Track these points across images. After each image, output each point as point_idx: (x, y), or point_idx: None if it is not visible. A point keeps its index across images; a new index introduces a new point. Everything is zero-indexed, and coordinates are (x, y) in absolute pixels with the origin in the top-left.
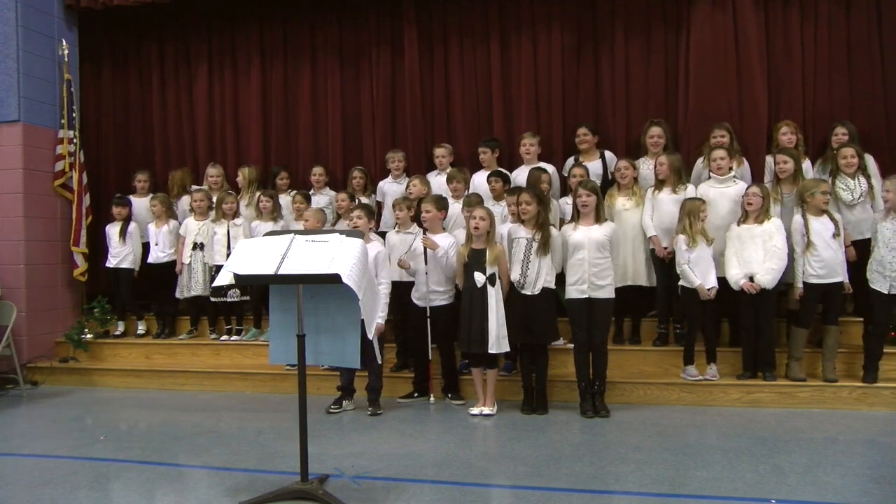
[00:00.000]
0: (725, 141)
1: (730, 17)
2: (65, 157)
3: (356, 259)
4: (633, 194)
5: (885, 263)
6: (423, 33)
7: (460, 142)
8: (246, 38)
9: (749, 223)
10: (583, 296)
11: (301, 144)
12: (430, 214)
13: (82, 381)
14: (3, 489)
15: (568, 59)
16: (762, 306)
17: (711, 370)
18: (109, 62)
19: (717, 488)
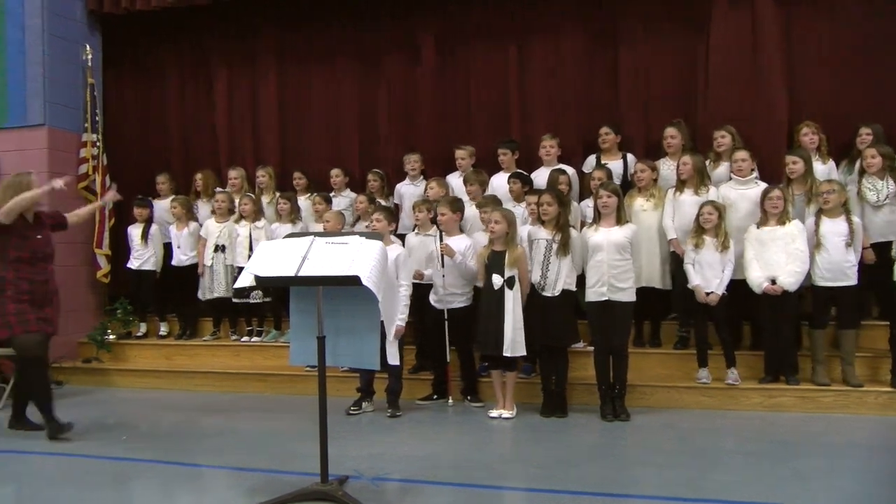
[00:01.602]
0: (727, 142)
1: (750, 17)
2: (88, 160)
3: (376, 261)
4: (651, 196)
5: None
6: (439, 35)
7: (478, 143)
8: (264, 41)
9: (771, 225)
10: (602, 298)
11: (318, 147)
12: (446, 217)
13: (105, 381)
14: (26, 487)
15: (586, 60)
16: (782, 309)
17: (732, 374)
18: (131, 66)
19: (736, 492)
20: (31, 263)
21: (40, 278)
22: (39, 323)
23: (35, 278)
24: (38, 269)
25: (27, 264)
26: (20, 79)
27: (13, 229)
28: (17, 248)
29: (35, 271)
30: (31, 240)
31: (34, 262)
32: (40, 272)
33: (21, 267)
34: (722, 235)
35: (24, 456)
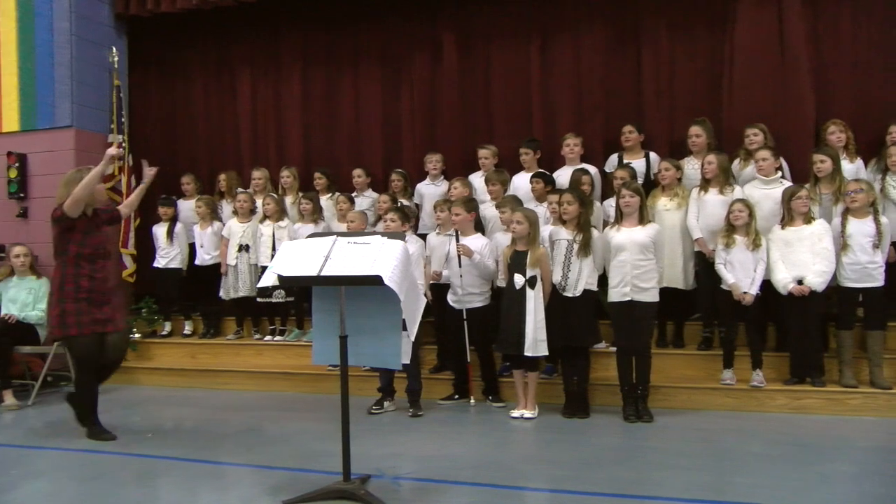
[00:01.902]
0: (759, 140)
1: (776, 13)
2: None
3: (398, 261)
4: (675, 195)
5: None
6: (461, 35)
7: (500, 143)
8: (288, 43)
9: (797, 225)
10: (625, 298)
11: (342, 147)
12: (461, 217)
13: (130, 379)
14: (54, 482)
15: (609, 59)
16: (809, 310)
17: (757, 376)
18: (156, 68)
19: (762, 495)
20: (92, 260)
21: (100, 275)
22: (94, 324)
23: (95, 275)
24: (98, 265)
25: (87, 261)
26: (48, 81)
27: (76, 225)
28: (79, 245)
29: (95, 268)
30: (92, 236)
31: (94, 258)
32: (100, 269)
33: (82, 264)
34: (753, 234)
35: (51, 452)
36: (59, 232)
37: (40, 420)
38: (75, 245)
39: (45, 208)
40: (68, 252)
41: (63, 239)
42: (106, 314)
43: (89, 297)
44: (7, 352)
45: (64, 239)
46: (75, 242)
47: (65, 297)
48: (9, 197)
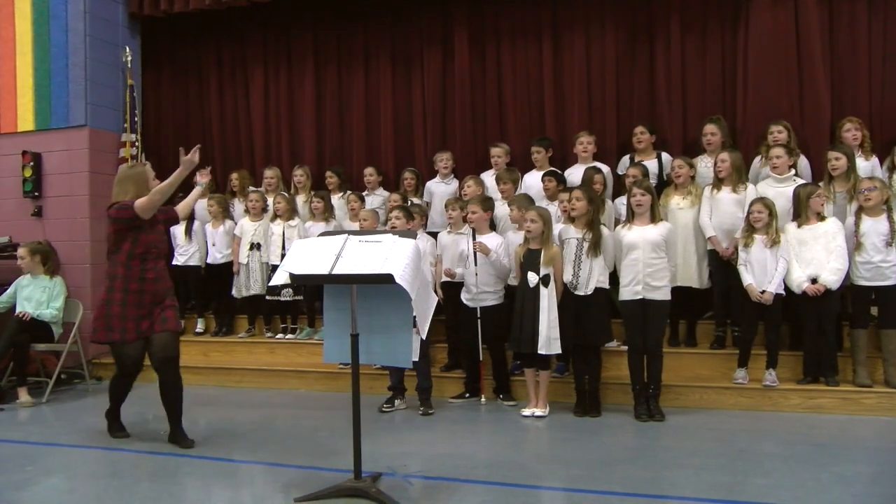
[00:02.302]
0: (783, 138)
1: (791, 10)
2: (127, 159)
3: (409, 259)
4: (688, 193)
5: None
6: (474, 34)
7: (512, 141)
8: (300, 41)
9: (811, 223)
10: (637, 297)
11: (354, 146)
12: (477, 215)
13: (143, 377)
14: (70, 480)
15: (622, 57)
16: (825, 308)
17: (770, 376)
18: (169, 67)
19: (777, 496)
20: (143, 260)
21: (151, 276)
22: (140, 330)
23: (146, 276)
24: (150, 265)
25: (138, 260)
26: (63, 81)
27: (133, 224)
28: (132, 243)
29: (146, 268)
30: (146, 234)
31: (146, 258)
32: (151, 269)
33: (133, 264)
34: (773, 233)
35: (66, 449)
36: (114, 231)
37: (55, 417)
38: (129, 243)
39: (60, 207)
40: (121, 251)
41: (118, 238)
42: (154, 316)
43: (139, 301)
44: (24, 350)
45: (119, 238)
46: (129, 241)
47: (112, 301)
48: (24, 196)
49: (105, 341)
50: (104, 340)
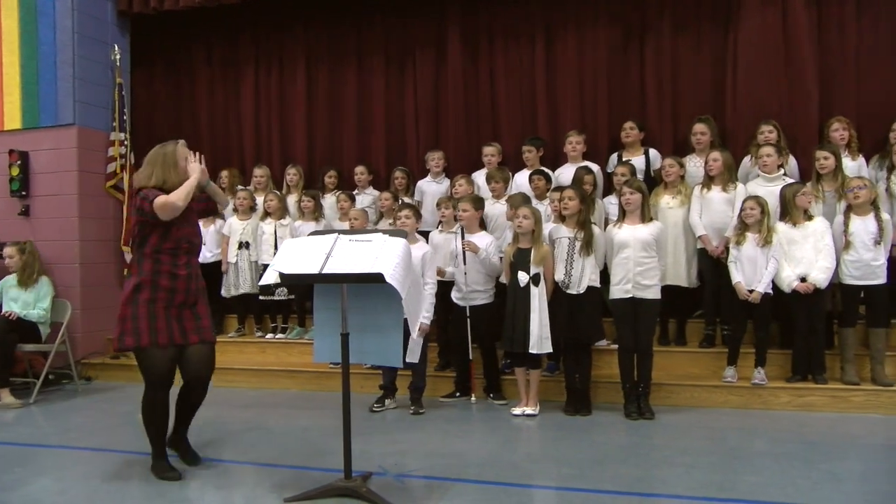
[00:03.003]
0: (773, 137)
1: (780, 11)
2: (116, 158)
3: (399, 258)
4: (678, 192)
5: None
6: (466, 32)
7: (505, 141)
8: (292, 40)
9: (799, 222)
10: (627, 295)
11: (345, 145)
12: (468, 214)
13: (134, 377)
14: (60, 481)
15: (614, 57)
16: (815, 307)
17: (759, 374)
18: (160, 66)
19: (768, 493)
20: (174, 255)
21: (183, 272)
22: (172, 335)
23: (177, 272)
24: (182, 261)
25: (168, 255)
26: (51, 79)
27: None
28: (160, 238)
29: (178, 264)
30: (178, 227)
31: (177, 253)
32: (183, 265)
33: (161, 258)
34: (765, 231)
35: (55, 450)
36: (138, 221)
37: (43, 418)
38: (157, 237)
39: (48, 206)
40: (147, 243)
41: (143, 229)
42: (187, 321)
43: (169, 300)
44: (9, 349)
45: (145, 229)
46: (157, 234)
47: (137, 300)
48: (11, 195)
49: (132, 347)
50: (131, 346)
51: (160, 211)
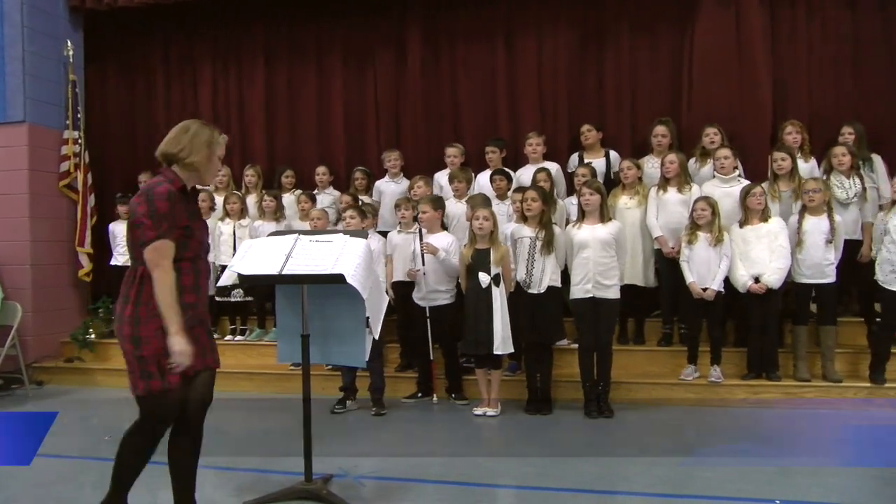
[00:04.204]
0: (718, 139)
1: (734, 16)
2: (69, 157)
3: (361, 259)
4: (636, 193)
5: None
6: (427, 33)
7: (466, 141)
8: (251, 38)
9: (754, 223)
10: (587, 295)
11: (305, 144)
12: (428, 215)
13: (87, 381)
14: (11, 488)
15: (573, 58)
16: (769, 306)
17: (715, 372)
18: (115, 63)
19: (723, 489)
20: (195, 262)
21: (204, 283)
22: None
23: (200, 283)
24: (203, 269)
25: (190, 263)
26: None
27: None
28: (182, 246)
29: (199, 273)
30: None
31: (197, 261)
32: (204, 276)
33: (183, 268)
34: (716, 231)
35: None
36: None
37: None
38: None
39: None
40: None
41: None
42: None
43: (193, 318)
44: None
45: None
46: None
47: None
48: None
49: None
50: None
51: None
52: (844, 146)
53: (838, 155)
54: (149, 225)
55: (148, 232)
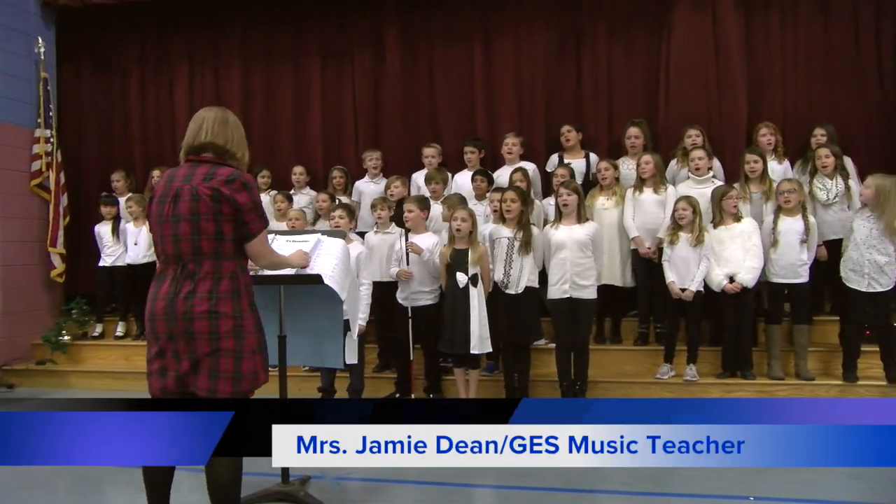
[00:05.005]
0: (700, 141)
1: (710, 19)
2: (41, 156)
3: (338, 259)
4: (613, 194)
5: (862, 262)
6: (405, 33)
7: (443, 141)
8: (228, 37)
9: (728, 223)
10: (565, 296)
11: (282, 144)
12: (413, 214)
13: (60, 383)
14: None
15: (550, 60)
16: (743, 305)
17: (691, 371)
18: (89, 61)
19: (700, 486)
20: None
21: None
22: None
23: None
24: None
25: (245, 259)
26: None
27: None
28: (235, 227)
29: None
30: None
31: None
32: None
33: (245, 264)
34: (696, 231)
35: None
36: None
37: None
38: (231, 226)
39: None
40: (225, 239)
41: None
42: None
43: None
44: None
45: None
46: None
47: (254, 322)
48: None
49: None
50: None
51: (256, 245)
52: (828, 147)
53: (822, 157)
54: (254, 216)
55: (256, 223)
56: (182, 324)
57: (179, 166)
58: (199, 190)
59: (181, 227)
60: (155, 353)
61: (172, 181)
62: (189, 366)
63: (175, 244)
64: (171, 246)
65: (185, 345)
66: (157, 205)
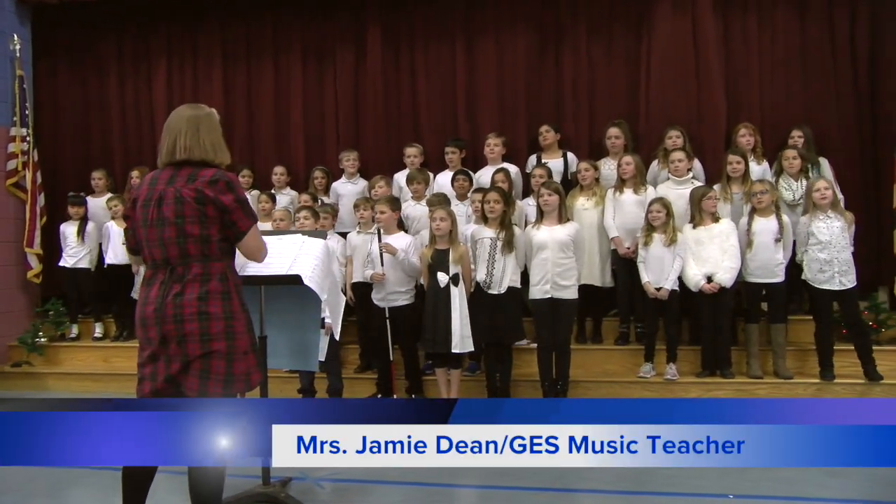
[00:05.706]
0: (680, 142)
1: (690, 21)
2: (17, 155)
3: (318, 260)
4: (593, 195)
5: (832, 262)
6: (387, 33)
7: (425, 141)
8: (208, 34)
9: (707, 224)
10: (546, 296)
11: (263, 143)
12: (385, 215)
13: (38, 385)
14: None
15: (532, 60)
16: (721, 305)
17: (671, 370)
18: (66, 58)
19: (680, 485)
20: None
21: None
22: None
23: None
24: None
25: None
26: None
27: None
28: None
29: None
30: None
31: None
32: None
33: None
34: (670, 232)
35: None
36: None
37: None
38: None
39: None
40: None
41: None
42: None
43: None
44: None
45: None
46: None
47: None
48: None
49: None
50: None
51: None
52: (795, 149)
53: (789, 158)
54: (241, 214)
55: (244, 220)
56: (173, 326)
57: (161, 169)
58: (183, 192)
59: (166, 231)
60: (147, 357)
61: (156, 184)
62: (180, 367)
63: (162, 248)
64: (157, 250)
65: (176, 346)
66: (141, 209)
